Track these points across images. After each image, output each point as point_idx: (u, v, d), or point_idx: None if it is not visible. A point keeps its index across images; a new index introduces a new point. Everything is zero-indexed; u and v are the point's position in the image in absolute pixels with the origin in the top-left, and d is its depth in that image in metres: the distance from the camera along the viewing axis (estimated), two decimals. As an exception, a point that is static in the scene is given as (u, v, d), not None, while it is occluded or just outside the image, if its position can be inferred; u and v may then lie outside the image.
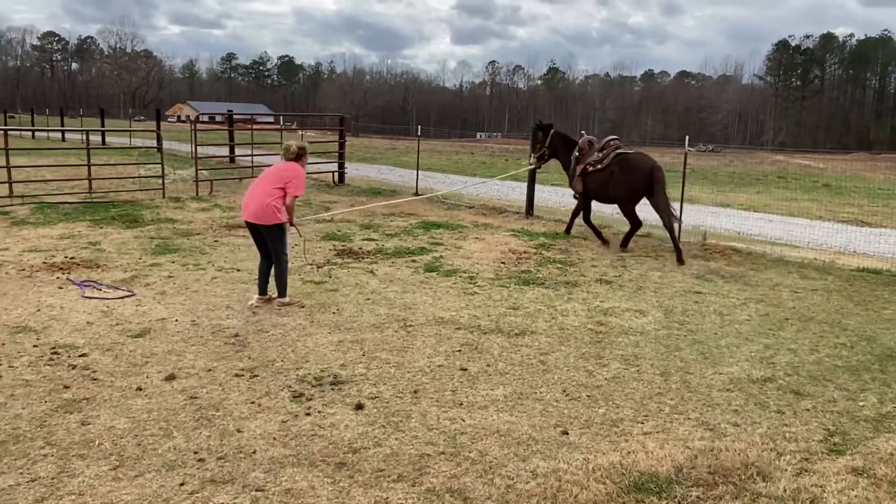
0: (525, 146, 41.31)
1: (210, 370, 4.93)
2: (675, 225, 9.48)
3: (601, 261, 9.13)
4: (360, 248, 9.39)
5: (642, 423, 4.29)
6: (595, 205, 10.72)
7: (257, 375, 4.87)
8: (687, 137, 14.38)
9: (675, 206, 10.06)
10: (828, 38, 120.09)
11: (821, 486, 3.52)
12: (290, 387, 4.69)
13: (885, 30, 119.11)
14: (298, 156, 6.63)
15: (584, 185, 10.27)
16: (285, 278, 6.59)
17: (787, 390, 4.83)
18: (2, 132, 13.82)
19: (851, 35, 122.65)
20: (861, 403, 4.63)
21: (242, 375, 4.86)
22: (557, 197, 16.63)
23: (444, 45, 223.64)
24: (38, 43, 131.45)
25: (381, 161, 28.26)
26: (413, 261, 8.76)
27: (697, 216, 12.95)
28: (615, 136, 10.50)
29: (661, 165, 9.85)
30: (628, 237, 10.08)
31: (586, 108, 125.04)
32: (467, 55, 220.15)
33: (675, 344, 5.78)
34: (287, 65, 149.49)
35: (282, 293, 6.57)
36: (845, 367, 5.34)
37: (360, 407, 4.39)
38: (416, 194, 15.63)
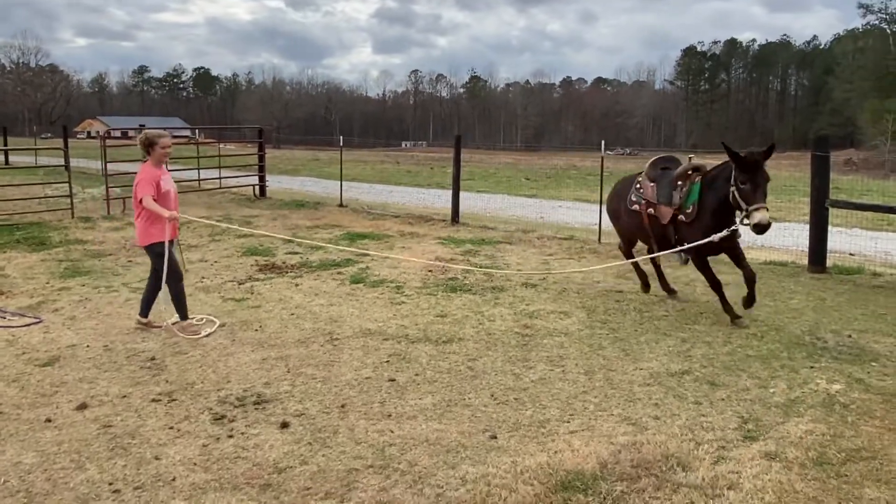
0: (449, 154, 41.55)
1: (125, 396, 4.71)
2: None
3: (526, 265, 9.27)
4: (284, 263, 9.22)
5: (568, 422, 4.36)
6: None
7: (175, 399, 4.69)
8: (603, 142, 14.82)
9: (594, 208, 10.30)
10: (732, 44, 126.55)
11: (737, 473, 3.66)
12: (210, 409, 4.54)
13: (785, 35, 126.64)
14: (146, 151, 6.00)
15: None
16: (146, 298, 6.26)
17: (703, 381, 5.02)
18: None
19: (754, 40, 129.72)
20: (772, 390, 4.85)
21: (160, 400, 4.67)
22: (483, 203, 16.84)
23: (365, 54, 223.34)
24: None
25: (304, 173, 27.89)
26: (339, 273, 8.66)
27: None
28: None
29: None
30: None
31: (509, 116, 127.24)
32: (389, 64, 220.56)
33: (598, 343, 5.91)
34: (203, 77, 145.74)
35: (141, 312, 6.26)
36: (756, 356, 5.59)
37: (285, 425, 4.29)
38: (341, 205, 15.50)
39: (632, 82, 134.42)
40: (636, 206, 7.06)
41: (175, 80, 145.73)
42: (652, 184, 6.87)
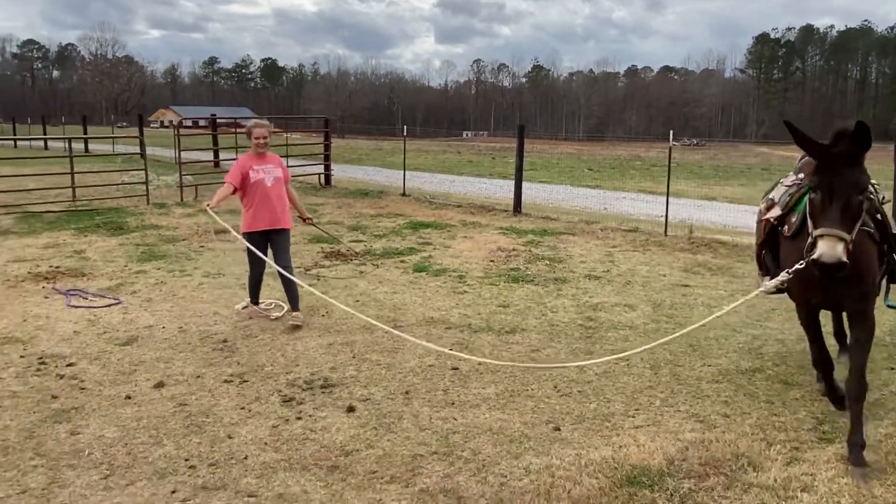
0: (510, 144, 41.26)
1: (199, 376, 4.90)
2: None
3: (590, 257, 9.16)
4: (349, 250, 9.37)
5: (633, 416, 4.31)
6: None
7: (246, 381, 4.85)
8: (671, 132, 14.45)
9: (660, 199, 10.07)
10: (808, 30, 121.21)
11: (811, 475, 3.54)
12: (280, 391, 4.67)
13: (867, 20, 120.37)
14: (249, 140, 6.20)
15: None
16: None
17: (775, 380, 4.87)
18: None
19: (832, 26, 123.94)
20: (849, 391, 4.66)
21: (232, 381, 4.83)
22: (545, 193, 16.70)
23: (428, 43, 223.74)
24: (18, 51, 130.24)
25: (367, 162, 28.22)
26: (402, 261, 8.75)
27: (683, 210, 13.03)
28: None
29: None
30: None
31: (572, 105, 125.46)
32: (452, 54, 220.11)
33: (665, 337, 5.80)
34: (270, 67, 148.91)
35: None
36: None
37: (351, 409, 4.38)
38: (404, 194, 15.63)
39: (700, 70, 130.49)
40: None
41: (243, 71, 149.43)
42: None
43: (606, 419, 4.27)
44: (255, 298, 6.45)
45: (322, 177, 17.91)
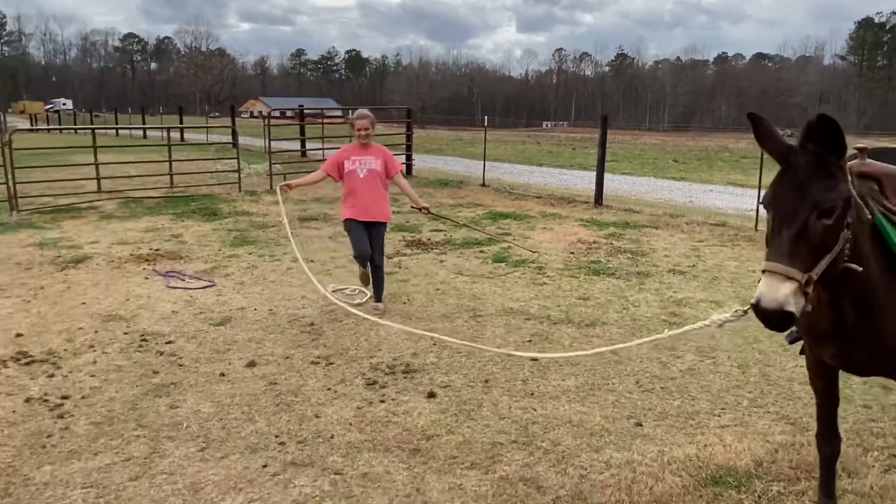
0: (591, 135, 40.49)
1: (288, 357, 5.10)
2: None
3: (674, 251, 8.93)
4: (429, 239, 9.49)
5: (719, 416, 4.20)
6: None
7: (332, 363, 5.01)
8: (764, 122, 13.79)
9: (750, 192, 9.69)
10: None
11: (912, 485, 3.37)
12: (363, 374, 4.81)
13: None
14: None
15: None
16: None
17: (873, 384, 4.63)
18: (90, 131, 14.59)
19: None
20: (957, 399, 4.39)
21: (318, 363, 5.01)
22: (627, 185, 16.36)
23: (509, 33, 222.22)
24: (120, 45, 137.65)
25: (447, 152, 28.39)
26: (481, 251, 8.79)
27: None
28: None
29: None
30: None
31: (656, 95, 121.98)
32: (533, 43, 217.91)
33: (754, 335, 5.61)
34: (354, 59, 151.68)
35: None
36: None
37: (432, 395, 4.46)
38: (483, 185, 15.65)
39: (796, 58, 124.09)
40: None
41: (329, 63, 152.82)
42: None
43: (690, 417, 4.18)
44: (363, 280, 6.51)
45: (403, 167, 18.15)
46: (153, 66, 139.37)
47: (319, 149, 18.05)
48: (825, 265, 2.21)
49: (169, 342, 5.40)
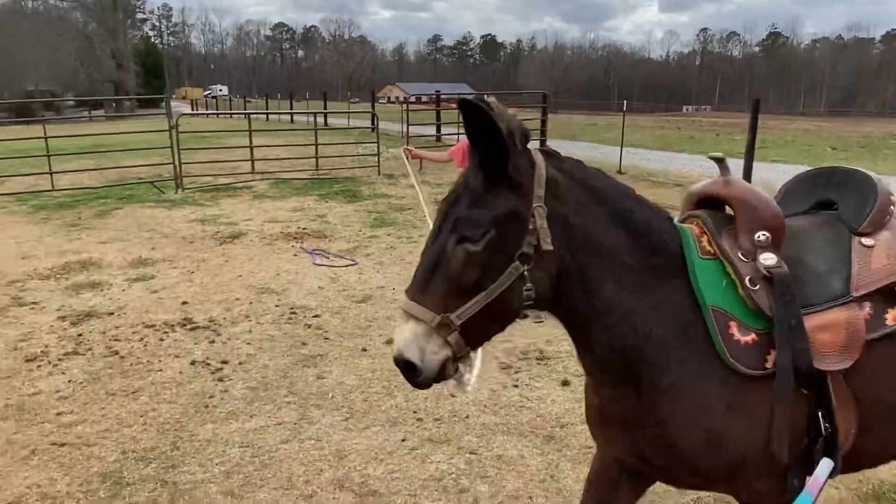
0: (736, 119, 38.06)
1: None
2: None
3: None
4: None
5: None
6: None
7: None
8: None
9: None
10: None
11: None
12: (497, 357, 4.86)
13: None
14: None
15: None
16: None
17: None
18: (244, 116, 15.64)
19: None
20: None
21: (454, 344, 5.12)
22: (776, 174, 15.28)
23: (650, 13, 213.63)
24: (270, 34, 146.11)
25: (581, 138, 27.82)
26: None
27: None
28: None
29: None
30: None
31: (813, 76, 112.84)
32: (676, 24, 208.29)
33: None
34: (489, 44, 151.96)
35: None
36: None
37: (566, 383, 4.44)
38: (620, 171, 15.22)
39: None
40: None
41: (464, 48, 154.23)
42: None
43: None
44: None
45: None
46: (300, 53, 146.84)
47: (454, 134, 18.29)
48: (475, 308, 1.64)
49: (315, 316, 5.73)
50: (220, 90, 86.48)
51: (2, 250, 8.01)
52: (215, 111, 41.35)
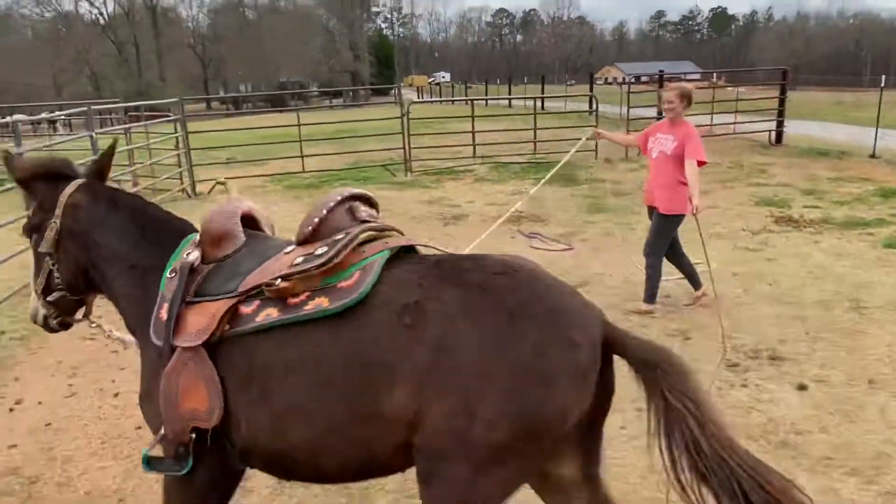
0: None
1: (644, 326, 5.16)
2: None
3: None
4: (801, 216, 8.58)
5: None
6: None
7: (690, 338, 4.93)
8: None
9: None
10: None
11: None
12: (727, 358, 4.63)
13: None
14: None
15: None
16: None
17: None
18: (465, 102, 16.22)
19: None
20: None
21: (675, 336, 4.98)
22: None
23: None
24: (491, 20, 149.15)
25: (822, 117, 24.96)
26: (868, 234, 7.67)
27: None
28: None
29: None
30: None
31: None
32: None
33: None
34: (719, 17, 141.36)
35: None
36: None
37: (802, 388, 4.12)
38: (873, 156, 13.48)
39: None
40: None
41: (690, 23, 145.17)
42: None
43: None
44: (693, 283, 5.74)
45: (772, 134, 16.54)
46: (518, 38, 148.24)
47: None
48: (38, 286, 2.35)
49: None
50: (443, 77, 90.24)
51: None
52: (439, 98, 43.34)
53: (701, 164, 5.29)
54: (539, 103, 27.20)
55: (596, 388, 1.85)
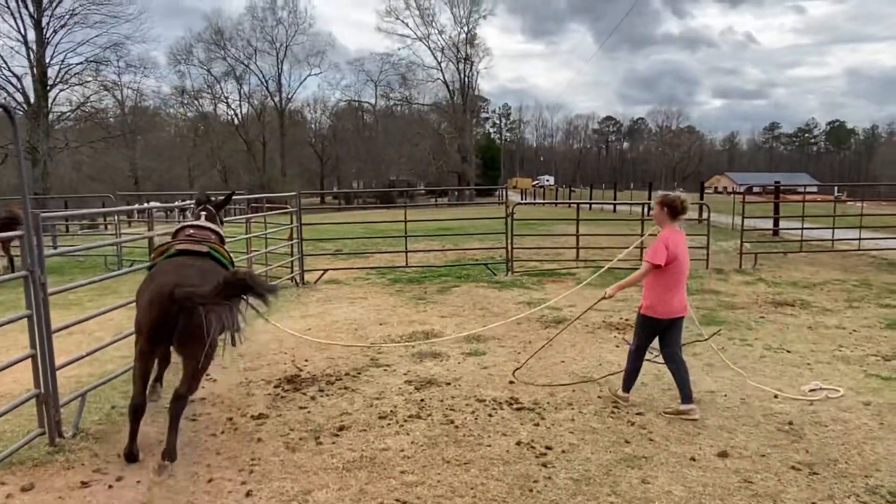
0: None
1: (763, 455, 4.69)
2: None
3: None
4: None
5: None
6: None
7: (817, 473, 4.43)
8: None
9: None
10: None
11: None
12: (857, 496, 4.12)
13: None
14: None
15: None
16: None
17: None
18: (575, 205, 16.21)
19: None
20: None
21: (800, 469, 4.48)
22: None
23: None
24: (598, 127, 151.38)
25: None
26: None
27: None
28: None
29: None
30: None
31: None
32: None
33: None
34: (836, 130, 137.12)
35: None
36: None
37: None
38: None
39: None
40: None
41: (806, 135, 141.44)
42: None
43: None
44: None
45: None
46: (625, 144, 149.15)
47: (797, 228, 16.61)
48: None
49: (639, 413, 5.52)
50: (547, 180, 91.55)
51: (367, 315, 9.35)
52: (541, 200, 43.77)
53: (654, 265, 5.53)
54: (646, 209, 26.88)
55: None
